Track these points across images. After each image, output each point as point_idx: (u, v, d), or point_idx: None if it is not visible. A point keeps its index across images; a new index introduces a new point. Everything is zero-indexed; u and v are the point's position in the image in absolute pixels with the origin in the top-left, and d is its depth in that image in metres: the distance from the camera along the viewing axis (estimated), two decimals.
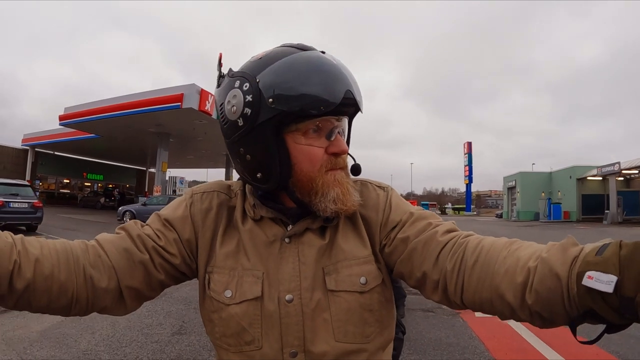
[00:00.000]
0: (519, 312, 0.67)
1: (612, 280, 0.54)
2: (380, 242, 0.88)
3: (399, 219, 0.88)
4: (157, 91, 18.54)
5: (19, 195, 13.53)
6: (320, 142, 0.83)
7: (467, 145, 63.13)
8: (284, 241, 0.85)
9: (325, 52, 0.84)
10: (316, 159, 0.82)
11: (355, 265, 0.84)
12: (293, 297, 0.81)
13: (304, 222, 0.86)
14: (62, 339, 4.25)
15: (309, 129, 0.81)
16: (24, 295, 0.70)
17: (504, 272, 0.69)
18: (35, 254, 0.71)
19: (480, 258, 0.73)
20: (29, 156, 33.68)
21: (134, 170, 44.96)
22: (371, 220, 0.89)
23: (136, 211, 19.01)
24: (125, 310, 0.84)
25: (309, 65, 0.79)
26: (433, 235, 0.82)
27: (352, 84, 0.81)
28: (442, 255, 0.79)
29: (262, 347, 0.81)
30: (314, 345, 0.80)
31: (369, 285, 0.84)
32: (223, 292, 0.83)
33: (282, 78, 0.78)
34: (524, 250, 0.70)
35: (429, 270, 0.80)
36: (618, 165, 31.11)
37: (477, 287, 0.73)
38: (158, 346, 4.12)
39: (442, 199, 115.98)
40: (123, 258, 0.81)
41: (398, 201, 0.92)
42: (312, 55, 0.81)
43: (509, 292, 0.67)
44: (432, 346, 4.20)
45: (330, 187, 0.82)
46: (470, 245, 0.77)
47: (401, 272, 0.85)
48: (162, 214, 0.90)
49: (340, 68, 0.81)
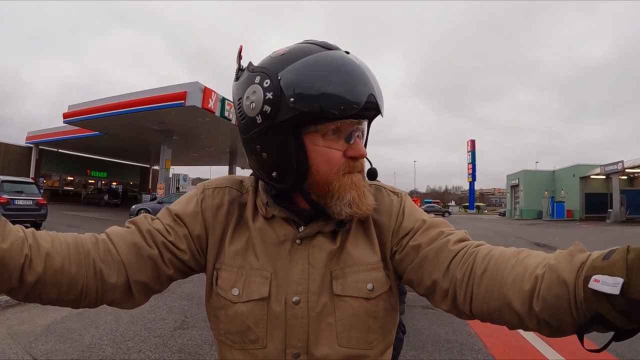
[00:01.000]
0: (527, 320, 0.67)
1: (619, 282, 0.54)
2: (391, 249, 0.88)
3: (412, 226, 0.87)
4: (160, 89, 18.54)
5: (24, 193, 13.62)
6: (339, 145, 0.81)
7: (470, 143, 62.94)
8: (295, 242, 0.84)
9: (349, 52, 0.82)
10: (334, 162, 0.81)
11: (363, 271, 0.84)
12: (300, 300, 0.81)
13: (317, 225, 0.85)
14: (67, 333, 4.31)
15: (328, 130, 0.79)
16: (35, 288, 0.70)
17: (512, 280, 0.69)
18: (47, 248, 0.72)
19: (489, 267, 0.73)
20: (33, 154, 33.77)
21: (138, 168, 44.90)
22: (383, 225, 0.89)
23: (152, 210, 17.85)
24: (134, 304, 0.84)
25: (332, 65, 0.77)
26: (445, 244, 0.82)
27: (374, 86, 0.79)
28: (453, 264, 0.78)
29: (266, 347, 0.81)
30: (316, 348, 0.80)
31: (376, 292, 0.84)
32: (230, 290, 0.83)
33: (305, 77, 0.76)
34: (532, 258, 0.70)
35: (439, 279, 0.79)
36: (621, 164, 31.04)
37: (485, 296, 0.72)
38: (161, 340, 4.18)
39: (446, 196, 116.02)
40: (132, 253, 0.80)
41: (411, 208, 0.91)
42: (336, 55, 0.79)
43: (517, 300, 0.67)
44: (431, 343, 4.23)
45: (346, 191, 0.81)
46: (480, 254, 0.76)
47: (411, 280, 0.85)
48: (172, 209, 0.89)
49: (364, 70, 0.79)
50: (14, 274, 0.67)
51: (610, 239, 16.58)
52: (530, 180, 44.24)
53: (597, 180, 37.38)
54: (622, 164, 30.95)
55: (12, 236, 0.68)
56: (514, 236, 18.33)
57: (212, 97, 18.19)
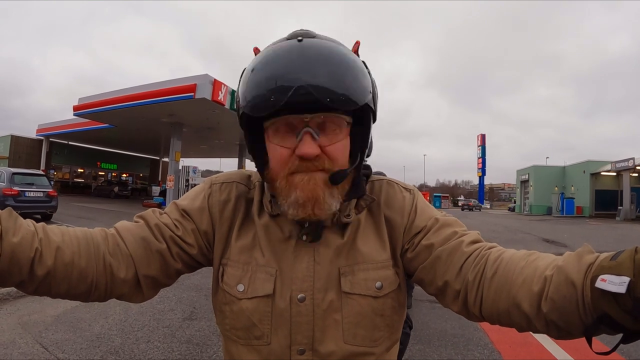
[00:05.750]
0: (535, 322, 0.67)
1: (625, 281, 0.54)
2: (402, 247, 0.87)
3: (424, 224, 0.86)
4: (170, 81, 18.56)
5: (35, 185, 13.78)
6: (290, 142, 0.77)
7: (480, 137, 62.58)
8: (300, 239, 0.84)
9: (302, 39, 0.77)
10: (281, 159, 0.77)
11: (372, 269, 0.83)
12: (305, 297, 0.81)
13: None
14: (77, 323, 4.38)
15: (277, 127, 0.77)
16: (44, 282, 0.71)
17: (522, 281, 0.68)
18: (57, 242, 0.72)
19: (499, 269, 0.73)
20: (44, 146, 34.15)
21: (148, 160, 45.30)
22: (395, 223, 0.87)
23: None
24: (143, 298, 0.84)
25: (263, 61, 0.77)
26: (458, 245, 0.81)
27: (309, 77, 0.71)
28: (466, 265, 0.78)
29: (271, 343, 0.81)
30: (322, 345, 0.80)
31: (384, 290, 0.83)
32: (235, 286, 0.83)
33: (245, 76, 0.79)
34: (542, 260, 0.70)
35: (451, 280, 0.79)
36: (632, 161, 30.59)
37: (495, 298, 0.72)
38: (169, 331, 4.24)
39: (455, 191, 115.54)
40: (140, 247, 0.81)
41: (424, 206, 0.90)
42: (273, 50, 0.77)
43: (526, 302, 0.67)
44: (437, 336, 4.25)
45: (290, 191, 0.77)
46: (492, 257, 0.76)
47: (421, 279, 0.84)
48: (180, 204, 0.89)
49: (300, 61, 0.73)
50: (24, 268, 0.68)
51: (620, 236, 16.45)
52: (541, 175, 43.89)
53: (607, 177, 37.02)
54: (633, 161, 30.49)
55: (23, 230, 0.68)
56: (522, 232, 18.20)
57: (222, 90, 18.19)
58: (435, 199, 60.60)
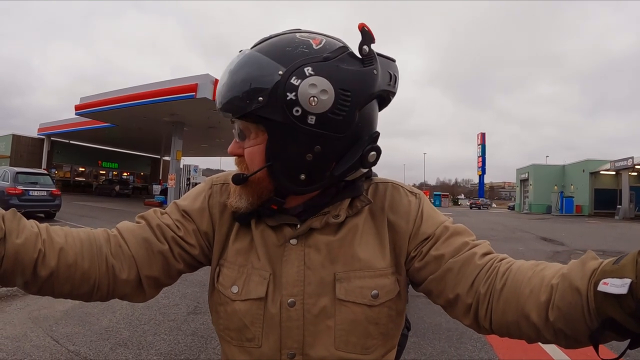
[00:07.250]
0: (544, 331, 0.66)
1: (626, 282, 0.54)
2: (408, 254, 0.84)
3: (431, 231, 0.83)
4: (171, 81, 18.64)
5: (38, 184, 13.94)
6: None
7: (480, 135, 62.68)
8: (290, 243, 0.83)
9: (242, 50, 0.82)
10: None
11: (369, 277, 0.81)
12: (295, 302, 0.80)
13: (308, 222, 0.83)
14: (85, 317, 4.51)
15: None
16: (48, 282, 0.72)
17: (529, 292, 0.68)
18: (60, 243, 0.73)
19: (508, 281, 0.72)
20: (45, 145, 34.25)
21: (149, 159, 45.25)
22: (400, 228, 0.85)
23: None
24: (144, 298, 0.86)
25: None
26: (471, 257, 0.78)
27: (220, 87, 0.79)
28: (478, 279, 0.76)
29: (262, 346, 0.80)
30: (313, 350, 0.79)
31: (380, 299, 0.80)
32: (230, 287, 0.83)
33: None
34: (549, 270, 0.69)
35: (463, 294, 0.76)
36: (631, 160, 30.70)
37: (504, 310, 0.71)
38: (175, 324, 4.39)
39: (455, 189, 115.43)
40: (142, 248, 0.81)
41: (430, 211, 0.87)
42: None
43: (534, 312, 0.66)
44: (432, 330, 4.37)
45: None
46: (502, 269, 0.74)
47: (430, 290, 0.82)
48: (180, 205, 0.90)
49: (226, 71, 0.79)
50: (27, 269, 0.68)
51: (618, 235, 16.53)
52: (540, 174, 44.11)
53: (606, 176, 37.14)
54: (632, 160, 30.60)
55: (27, 231, 0.69)
56: (521, 230, 18.32)
57: None
58: (435, 197, 60.77)
